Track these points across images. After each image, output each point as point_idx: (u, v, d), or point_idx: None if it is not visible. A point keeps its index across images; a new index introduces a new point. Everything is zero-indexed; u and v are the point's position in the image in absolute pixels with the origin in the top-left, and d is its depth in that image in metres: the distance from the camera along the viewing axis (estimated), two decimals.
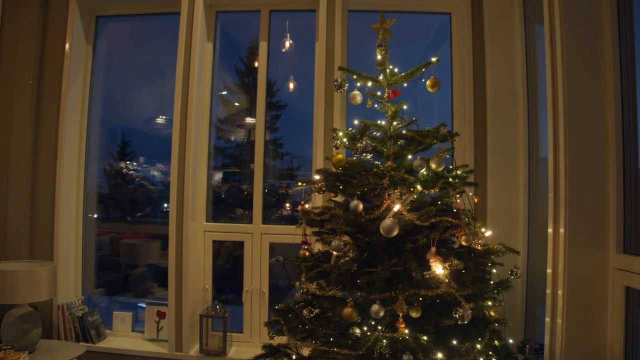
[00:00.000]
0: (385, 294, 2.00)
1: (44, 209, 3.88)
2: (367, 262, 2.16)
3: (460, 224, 2.11)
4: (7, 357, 2.93)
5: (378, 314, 2.05)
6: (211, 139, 3.90)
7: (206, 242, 3.79)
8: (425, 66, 2.39)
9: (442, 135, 2.33)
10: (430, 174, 2.26)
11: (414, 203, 2.28)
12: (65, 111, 3.85)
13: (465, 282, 2.01)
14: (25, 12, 3.93)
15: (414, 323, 2.13)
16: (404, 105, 2.50)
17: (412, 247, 2.17)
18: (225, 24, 4.01)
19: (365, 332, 2.19)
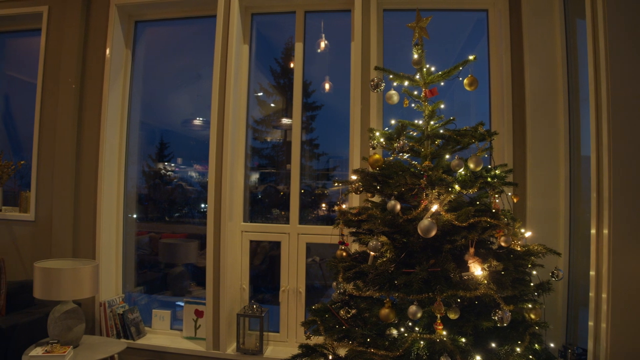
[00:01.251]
0: (422, 295, 1.98)
1: (87, 209, 3.99)
2: (404, 262, 2.15)
3: (499, 225, 2.08)
4: (54, 350, 3.04)
5: (415, 315, 2.03)
6: (248, 140, 3.94)
7: (243, 242, 3.83)
8: (462, 64, 2.37)
9: (480, 135, 2.30)
10: (469, 174, 2.23)
11: (452, 203, 2.25)
12: (106, 114, 3.96)
13: (504, 283, 1.98)
14: (68, 20, 4.05)
15: (452, 325, 2.11)
16: (441, 104, 2.47)
17: (450, 247, 2.14)
18: (260, 25, 4.04)
19: (403, 333, 2.17)
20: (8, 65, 4.91)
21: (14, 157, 4.68)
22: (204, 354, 3.65)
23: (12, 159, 4.50)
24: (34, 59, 4.27)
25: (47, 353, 3.02)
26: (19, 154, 4.75)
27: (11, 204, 4.46)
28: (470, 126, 2.35)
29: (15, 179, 4.62)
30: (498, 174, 2.28)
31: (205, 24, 4.07)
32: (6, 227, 4.23)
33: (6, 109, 4.90)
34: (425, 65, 2.45)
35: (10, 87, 4.92)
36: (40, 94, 4.17)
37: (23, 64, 4.79)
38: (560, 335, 3.13)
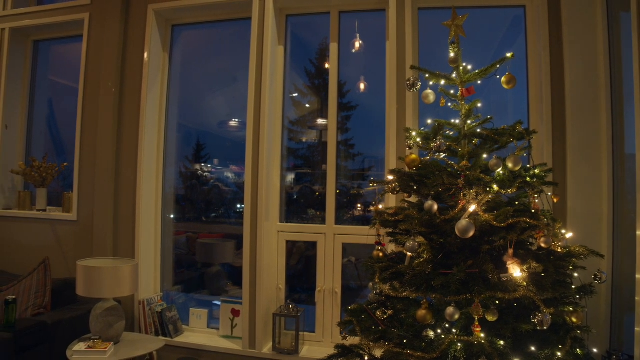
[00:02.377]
0: (460, 296, 1.96)
1: (126, 210, 4.08)
2: (441, 263, 2.13)
3: (539, 225, 2.03)
4: (96, 346, 3.13)
5: (453, 316, 2.01)
6: (283, 140, 3.96)
7: (280, 242, 3.86)
8: (500, 62, 2.33)
9: (518, 133, 2.26)
10: (507, 174, 2.20)
11: (490, 203, 2.22)
12: (145, 117, 4.04)
13: (544, 285, 1.94)
14: (108, 26, 4.16)
15: (490, 327, 2.07)
16: (478, 103, 2.43)
17: (489, 248, 2.11)
18: (294, 27, 4.06)
19: (440, 334, 2.15)
20: (52, 71, 5.07)
21: (57, 159, 4.83)
22: (240, 352, 3.69)
23: (56, 161, 4.63)
24: (75, 65, 4.40)
25: (90, 348, 3.11)
26: (62, 156, 4.91)
27: (55, 204, 4.60)
28: (508, 125, 2.32)
29: (58, 180, 4.77)
30: (537, 174, 2.23)
31: (240, 27, 4.11)
32: (50, 227, 4.37)
33: (50, 113, 5.06)
34: (461, 63, 2.42)
35: (53, 92, 5.09)
36: (82, 98, 4.29)
37: (65, 69, 4.94)
38: (604, 340, 3.03)
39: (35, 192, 4.50)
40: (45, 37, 4.88)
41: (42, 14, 4.57)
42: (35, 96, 4.98)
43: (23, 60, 4.88)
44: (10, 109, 4.74)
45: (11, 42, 4.72)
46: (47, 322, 3.28)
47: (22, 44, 4.86)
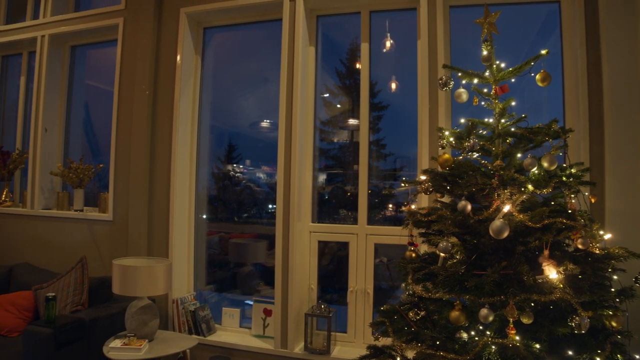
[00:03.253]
0: (494, 298, 1.93)
1: (160, 210, 4.15)
2: (475, 264, 2.10)
3: (575, 226, 1.98)
4: (131, 343, 3.20)
5: (487, 318, 1.98)
6: (315, 141, 3.97)
7: (312, 243, 3.87)
8: (534, 59, 2.29)
9: (554, 132, 2.21)
10: (542, 173, 2.15)
11: (525, 203, 2.17)
12: (178, 118, 4.10)
13: (582, 288, 1.89)
14: (142, 30, 4.23)
15: (525, 330, 2.03)
16: (512, 101, 2.39)
17: (523, 249, 2.08)
18: (325, 27, 4.06)
19: (473, 336, 2.13)
20: (88, 75, 5.20)
21: (93, 160, 4.95)
22: (272, 352, 3.70)
23: (92, 162, 4.75)
24: (110, 68, 4.50)
25: (125, 345, 3.18)
26: (98, 158, 5.02)
27: (91, 204, 4.71)
28: (543, 123, 2.27)
29: (94, 181, 4.88)
30: (574, 173, 2.18)
31: (271, 28, 4.14)
32: (87, 226, 4.48)
33: (86, 116, 5.19)
34: (495, 61, 2.38)
35: (89, 95, 5.21)
36: (116, 100, 4.38)
37: (101, 73, 5.06)
38: None
39: (73, 193, 4.61)
40: (82, 43, 5.02)
41: (78, 20, 4.69)
42: (73, 100, 5.11)
43: (61, 66, 5.02)
44: (50, 113, 4.88)
45: (50, 49, 4.86)
46: (84, 319, 3.37)
47: (60, 50, 5.00)
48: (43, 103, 4.81)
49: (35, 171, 4.79)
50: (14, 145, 5.23)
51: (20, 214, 4.89)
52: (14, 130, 5.31)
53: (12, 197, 5.19)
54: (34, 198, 4.78)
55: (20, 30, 5.05)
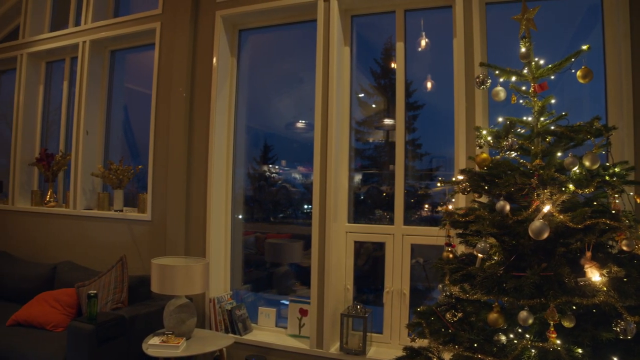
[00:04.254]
0: (534, 300, 1.89)
1: (197, 210, 4.20)
2: (514, 265, 2.06)
3: (620, 227, 1.92)
4: (169, 341, 3.27)
5: (526, 321, 1.94)
6: (351, 141, 3.96)
7: (348, 243, 3.86)
8: (574, 55, 2.23)
9: (596, 130, 2.15)
10: (584, 172, 2.09)
11: (566, 204, 2.12)
12: (215, 120, 4.15)
13: (627, 291, 1.83)
14: (178, 34, 4.31)
15: (567, 334, 1.98)
16: (552, 99, 2.34)
17: (564, 251, 2.02)
18: (359, 27, 4.05)
19: (512, 339, 2.08)
20: (127, 78, 5.33)
21: (132, 162, 5.06)
22: (307, 352, 3.71)
23: (132, 163, 4.85)
24: (148, 72, 4.59)
25: (164, 343, 3.26)
26: (137, 159, 5.14)
27: (130, 204, 4.82)
28: (584, 121, 2.21)
29: (133, 182, 4.99)
30: (618, 172, 2.11)
31: (306, 29, 4.15)
32: (127, 226, 4.58)
33: (126, 119, 5.31)
34: (533, 58, 2.33)
35: (128, 98, 5.34)
36: (155, 103, 4.47)
37: (139, 76, 5.17)
38: None
39: (113, 194, 4.73)
40: (121, 47, 5.14)
41: (117, 26, 4.81)
42: (112, 103, 5.25)
43: (101, 70, 5.15)
44: (91, 116, 5.02)
45: (91, 54, 5.00)
46: (124, 316, 3.44)
47: (100, 55, 5.14)
48: (84, 106, 4.95)
49: (78, 172, 4.93)
50: (57, 148, 5.40)
51: (63, 213, 5.05)
52: (58, 133, 5.49)
53: (56, 197, 5.37)
54: (76, 198, 4.93)
55: (63, 37, 5.22)
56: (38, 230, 5.27)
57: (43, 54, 5.54)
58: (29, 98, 5.57)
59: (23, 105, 5.52)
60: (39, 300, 3.99)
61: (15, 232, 5.45)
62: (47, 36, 5.39)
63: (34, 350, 3.43)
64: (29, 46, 5.50)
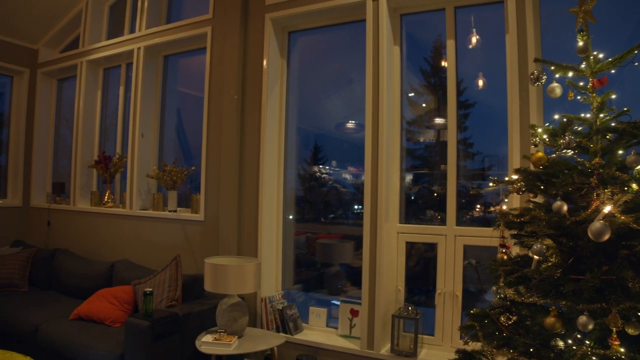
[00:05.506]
0: (594, 305, 1.81)
1: (249, 211, 4.26)
2: (572, 268, 1.98)
3: None
4: (222, 339, 3.34)
5: (586, 326, 1.86)
6: (402, 141, 3.93)
7: (399, 243, 3.83)
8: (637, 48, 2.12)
9: None
10: None
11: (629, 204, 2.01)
12: (266, 121, 4.20)
13: None
14: (229, 37, 4.37)
15: (631, 341, 1.88)
16: (612, 94, 2.23)
17: (627, 253, 1.93)
18: (408, 25, 4.00)
19: (570, 345, 2.00)
20: (179, 82, 5.47)
21: (185, 163, 5.18)
22: (358, 352, 3.70)
23: (185, 165, 4.97)
24: (200, 75, 4.69)
25: (216, 340, 3.33)
26: (189, 161, 5.25)
27: (184, 205, 4.94)
28: None
29: (187, 183, 5.11)
30: None
31: (354, 29, 4.14)
32: (180, 226, 4.69)
33: (179, 121, 5.45)
34: (592, 52, 2.24)
35: (181, 101, 5.47)
36: (207, 105, 4.56)
37: (191, 80, 5.29)
38: None
39: (167, 194, 4.86)
40: (174, 52, 5.29)
41: (170, 31, 4.94)
42: (166, 106, 5.40)
43: (155, 75, 5.31)
44: (146, 119, 5.18)
45: (145, 59, 5.16)
46: (178, 314, 3.53)
47: (154, 60, 5.30)
48: (139, 110, 5.11)
49: (133, 174, 5.09)
50: (114, 150, 5.60)
51: (120, 214, 5.23)
52: (115, 137, 5.69)
53: (114, 198, 5.56)
54: (132, 199, 5.09)
55: (119, 44, 5.41)
56: (97, 229, 5.48)
57: (101, 61, 5.77)
58: (88, 103, 5.81)
59: (83, 110, 5.76)
60: (98, 297, 4.16)
61: (77, 231, 5.70)
62: (105, 44, 5.60)
63: (94, 344, 3.58)
64: (88, 54, 5.75)
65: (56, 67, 6.20)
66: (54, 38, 6.33)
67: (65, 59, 6.06)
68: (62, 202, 6.01)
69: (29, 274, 5.30)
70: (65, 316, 4.12)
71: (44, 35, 6.30)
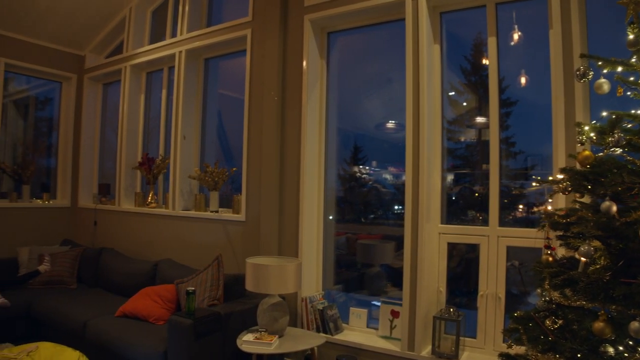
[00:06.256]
0: None
1: (290, 211, 4.29)
2: (622, 271, 1.92)
3: None
4: (262, 338, 3.37)
5: (638, 333, 1.80)
6: (443, 140, 3.88)
7: (441, 244, 3.78)
8: None
9: None
10: None
11: None
12: (306, 122, 4.22)
13: None
14: (268, 39, 4.41)
15: None
16: None
17: None
18: (447, 23, 3.95)
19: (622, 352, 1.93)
20: (220, 84, 5.55)
21: (226, 164, 5.25)
22: (398, 354, 3.66)
23: (226, 166, 5.03)
24: (240, 77, 4.74)
25: (257, 339, 3.36)
26: (230, 162, 5.33)
27: (225, 205, 5.00)
28: None
29: (228, 184, 5.18)
30: None
31: (393, 28, 4.11)
32: (222, 226, 4.76)
33: (219, 123, 5.53)
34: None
35: (221, 104, 5.55)
36: (247, 107, 4.61)
37: (231, 82, 5.37)
38: None
39: (209, 195, 4.93)
40: (214, 55, 5.36)
41: (210, 35, 5.02)
42: (207, 108, 5.49)
43: (196, 78, 5.41)
44: (187, 122, 5.28)
45: (187, 63, 5.26)
46: (220, 313, 3.58)
47: (195, 63, 5.40)
48: (181, 112, 5.21)
49: (176, 175, 5.20)
50: (157, 152, 5.73)
51: (163, 214, 5.35)
52: (157, 139, 5.83)
53: (157, 199, 5.69)
54: (175, 200, 5.19)
55: (162, 49, 5.55)
56: (141, 229, 5.62)
57: (144, 65, 5.92)
58: (132, 106, 5.97)
59: (127, 113, 5.92)
60: (142, 295, 4.27)
61: (121, 231, 5.86)
62: (147, 49, 5.75)
63: (139, 340, 3.68)
64: (131, 59, 5.90)
65: (101, 72, 6.41)
66: (100, 44, 6.54)
67: (110, 64, 6.25)
68: (107, 202, 6.20)
69: (78, 271, 5.52)
70: (111, 313, 4.25)
71: (90, 42, 6.54)
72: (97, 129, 6.79)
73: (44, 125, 6.79)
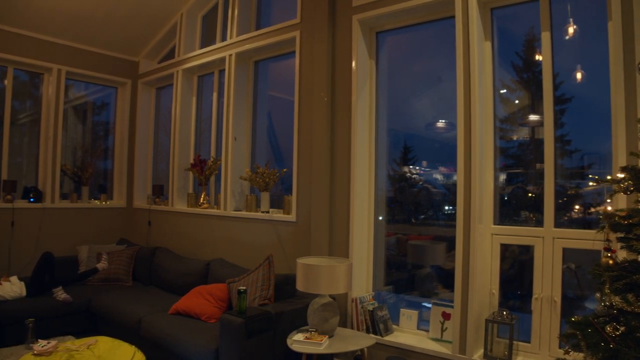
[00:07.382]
0: None
1: (341, 212, 4.30)
2: None
3: None
4: (313, 338, 3.41)
5: None
6: (495, 139, 3.80)
7: (493, 245, 3.71)
8: None
9: None
10: None
11: None
12: (356, 123, 4.23)
13: None
14: (317, 40, 4.45)
15: None
16: None
17: None
18: (498, 19, 3.86)
19: None
20: (270, 86, 5.63)
21: (277, 165, 5.31)
22: (449, 356, 3.62)
23: (276, 167, 5.09)
24: (290, 79, 4.80)
25: (307, 339, 3.40)
26: (280, 163, 5.39)
27: (276, 206, 5.07)
28: None
29: (278, 185, 5.24)
30: None
31: (442, 26, 4.07)
32: (273, 227, 4.82)
33: (270, 125, 5.60)
34: None
35: (271, 105, 5.63)
36: (297, 108, 4.66)
37: (281, 84, 5.43)
38: None
39: (260, 196, 5.00)
40: (264, 57, 5.45)
41: (260, 37, 5.10)
42: (257, 110, 5.57)
43: (246, 80, 5.51)
44: (238, 123, 5.38)
45: (237, 65, 5.37)
46: (271, 312, 3.63)
47: (245, 66, 5.50)
48: (232, 115, 5.31)
49: (227, 176, 5.30)
50: (209, 154, 5.87)
51: (215, 214, 5.47)
52: (209, 141, 5.96)
53: (209, 199, 5.82)
54: (226, 200, 5.30)
55: (212, 52, 5.67)
56: (193, 229, 5.77)
57: (195, 69, 6.07)
58: (184, 109, 6.13)
59: (179, 116, 6.09)
60: (194, 293, 4.38)
61: (174, 231, 6.03)
62: (198, 53, 5.89)
63: (191, 338, 3.78)
64: (183, 63, 6.07)
65: (155, 76, 6.62)
66: (153, 50, 6.78)
67: (163, 68, 6.45)
68: (161, 203, 6.39)
69: (133, 270, 5.73)
70: (164, 310, 4.40)
71: (143, 48, 6.78)
72: (150, 132, 7.03)
73: (101, 129, 7.08)
